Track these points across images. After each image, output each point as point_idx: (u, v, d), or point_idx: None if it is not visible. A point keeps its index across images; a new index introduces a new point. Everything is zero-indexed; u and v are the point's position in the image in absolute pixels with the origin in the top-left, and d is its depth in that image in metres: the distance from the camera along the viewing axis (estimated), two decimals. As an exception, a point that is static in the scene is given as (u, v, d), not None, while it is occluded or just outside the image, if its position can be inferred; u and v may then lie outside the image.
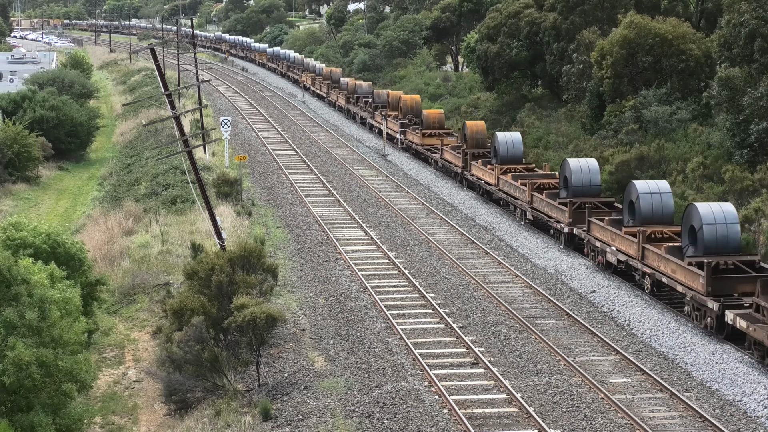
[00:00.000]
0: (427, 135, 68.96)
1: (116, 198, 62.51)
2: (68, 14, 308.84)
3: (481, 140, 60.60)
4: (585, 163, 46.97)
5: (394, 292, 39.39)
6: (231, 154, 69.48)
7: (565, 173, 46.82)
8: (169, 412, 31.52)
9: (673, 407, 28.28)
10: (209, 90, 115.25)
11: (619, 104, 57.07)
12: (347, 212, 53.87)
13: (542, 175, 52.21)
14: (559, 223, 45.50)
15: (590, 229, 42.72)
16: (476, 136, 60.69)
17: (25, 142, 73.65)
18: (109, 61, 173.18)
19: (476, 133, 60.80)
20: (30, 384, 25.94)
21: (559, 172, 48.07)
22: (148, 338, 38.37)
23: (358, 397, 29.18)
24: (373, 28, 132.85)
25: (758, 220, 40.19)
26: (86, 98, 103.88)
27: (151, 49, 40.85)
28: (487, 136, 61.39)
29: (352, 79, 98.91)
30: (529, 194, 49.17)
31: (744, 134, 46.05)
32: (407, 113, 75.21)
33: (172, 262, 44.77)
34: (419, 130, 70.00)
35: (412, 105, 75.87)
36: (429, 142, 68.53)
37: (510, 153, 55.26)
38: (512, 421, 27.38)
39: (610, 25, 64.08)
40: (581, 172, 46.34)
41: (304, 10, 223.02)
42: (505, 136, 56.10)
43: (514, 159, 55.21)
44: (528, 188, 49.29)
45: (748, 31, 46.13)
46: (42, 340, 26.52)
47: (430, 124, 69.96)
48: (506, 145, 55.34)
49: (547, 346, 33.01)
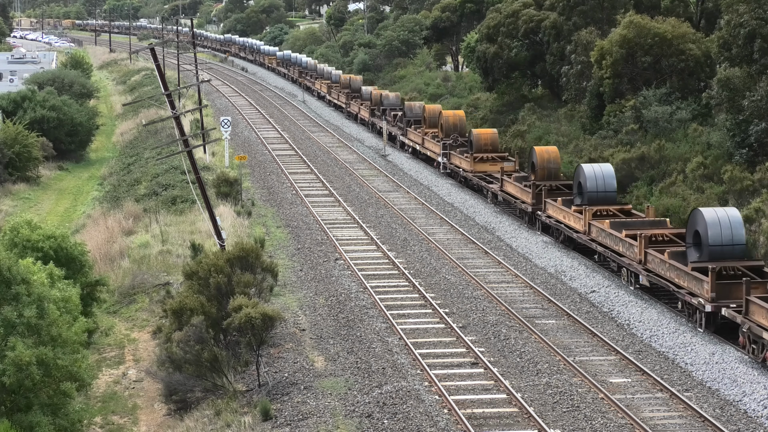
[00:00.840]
0: (480, 160, 58.57)
1: (116, 198, 62.52)
2: (68, 14, 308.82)
3: (554, 170, 50.67)
4: None
5: (394, 292, 39.40)
6: (231, 154, 69.49)
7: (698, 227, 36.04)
8: (169, 412, 31.53)
9: (673, 407, 28.28)
10: (209, 90, 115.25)
11: (619, 104, 57.04)
12: (347, 212, 53.87)
13: (650, 223, 41.16)
14: (695, 297, 34.30)
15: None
16: (548, 165, 50.69)
17: (25, 142, 73.69)
18: (109, 61, 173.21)
19: (548, 162, 50.76)
20: (30, 384, 25.95)
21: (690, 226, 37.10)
22: (148, 338, 38.37)
23: (358, 397, 29.18)
24: (373, 28, 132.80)
25: (758, 220, 40.20)
26: (86, 98, 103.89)
27: (151, 49, 40.85)
28: (561, 164, 51.90)
29: (375, 89, 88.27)
30: (641, 251, 37.95)
31: (744, 134, 46.05)
32: (450, 132, 64.92)
33: (172, 262, 44.77)
34: (469, 154, 59.65)
35: (455, 122, 65.39)
36: (482, 169, 58.12)
37: (601, 191, 44.73)
38: (512, 421, 27.38)
39: (609, 25, 64.03)
40: None
41: (304, 10, 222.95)
42: (593, 169, 45.45)
43: (606, 198, 44.75)
44: (640, 244, 37.90)
45: (747, 31, 46.12)
46: (41, 339, 26.54)
47: (482, 146, 59.31)
48: (595, 180, 44.85)
49: (547, 346, 33.01)
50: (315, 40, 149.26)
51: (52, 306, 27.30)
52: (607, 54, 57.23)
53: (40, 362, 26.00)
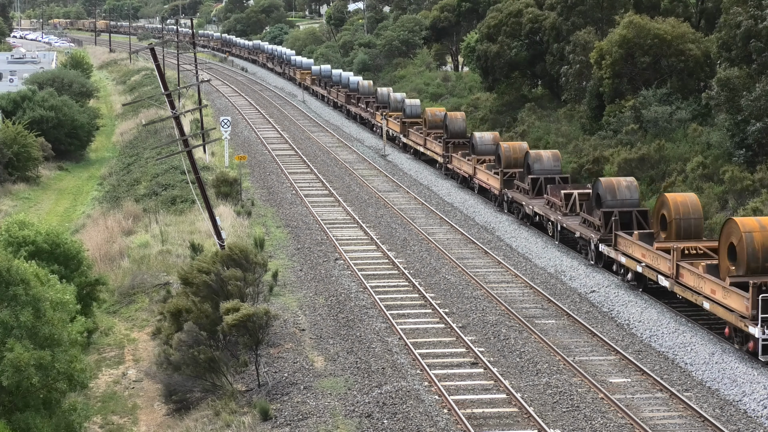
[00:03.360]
0: None
1: (116, 198, 62.53)
2: (68, 14, 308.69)
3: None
4: None
5: (393, 292, 39.39)
6: (231, 153, 69.49)
7: None
8: (168, 412, 31.53)
9: (672, 407, 28.28)
10: (209, 90, 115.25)
11: (619, 104, 57.06)
12: (347, 212, 53.86)
13: None
14: None
15: None
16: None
17: (24, 142, 73.69)
18: (109, 61, 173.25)
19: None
20: (27, 384, 25.91)
21: None
22: (147, 338, 38.37)
23: (358, 397, 29.18)
24: (373, 28, 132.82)
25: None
26: (86, 98, 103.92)
27: (151, 49, 40.85)
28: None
29: (495, 134, 59.68)
30: None
31: (743, 134, 46.06)
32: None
33: (171, 262, 44.77)
34: None
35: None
36: None
37: None
38: (512, 421, 27.38)
39: (608, 25, 64.05)
40: None
41: (304, 10, 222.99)
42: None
43: None
44: None
45: (743, 31, 46.20)
46: (38, 341, 26.45)
47: None
48: None
49: (547, 346, 33.00)
50: (315, 40, 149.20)
51: (47, 305, 27.23)
52: (606, 54, 57.24)
53: (39, 366, 25.96)
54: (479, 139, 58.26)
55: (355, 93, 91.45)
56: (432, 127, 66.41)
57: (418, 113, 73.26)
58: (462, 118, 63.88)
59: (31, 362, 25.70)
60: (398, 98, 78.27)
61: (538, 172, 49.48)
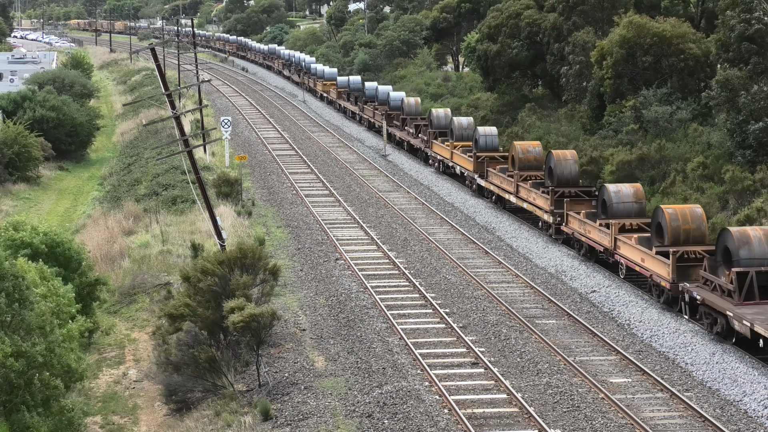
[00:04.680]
0: None
1: (116, 198, 62.52)
2: (68, 14, 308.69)
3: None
4: None
5: (394, 292, 39.39)
6: (231, 154, 69.48)
7: None
8: (169, 412, 31.52)
9: (673, 407, 28.28)
10: (209, 90, 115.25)
11: (619, 104, 57.03)
12: (347, 212, 53.86)
13: None
14: None
15: None
16: None
17: (25, 142, 73.68)
18: (109, 61, 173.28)
19: None
20: (14, 377, 25.59)
21: None
22: (148, 338, 38.36)
23: (359, 397, 29.18)
24: (374, 28, 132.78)
25: (759, 220, 40.19)
26: (86, 98, 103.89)
27: (152, 49, 40.85)
28: None
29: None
30: None
31: (744, 134, 46.06)
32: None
33: (172, 262, 44.77)
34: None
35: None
36: None
37: None
38: (512, 421, 27.38)
39: (609, 25, 64.01)
40: None
41: (305, 10, 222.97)
42: None
43: None
44: None
45: (737, 34, 46.32)
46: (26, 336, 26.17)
47: None
48: None
49: (548, 346, 33.00)
50: (315, 40, 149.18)
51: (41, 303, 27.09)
52: (607, 54, 57.22)
53: (19, 353, 25.57)
54: None
55: (398, 112, 76.30)
56: (524, 168, 51.34)
57: (495, 146, 58.09)
58: (574, 160, 47.54)
59: (9, 351, 25.26)
60: (464, 124, 62.04)
61: None
